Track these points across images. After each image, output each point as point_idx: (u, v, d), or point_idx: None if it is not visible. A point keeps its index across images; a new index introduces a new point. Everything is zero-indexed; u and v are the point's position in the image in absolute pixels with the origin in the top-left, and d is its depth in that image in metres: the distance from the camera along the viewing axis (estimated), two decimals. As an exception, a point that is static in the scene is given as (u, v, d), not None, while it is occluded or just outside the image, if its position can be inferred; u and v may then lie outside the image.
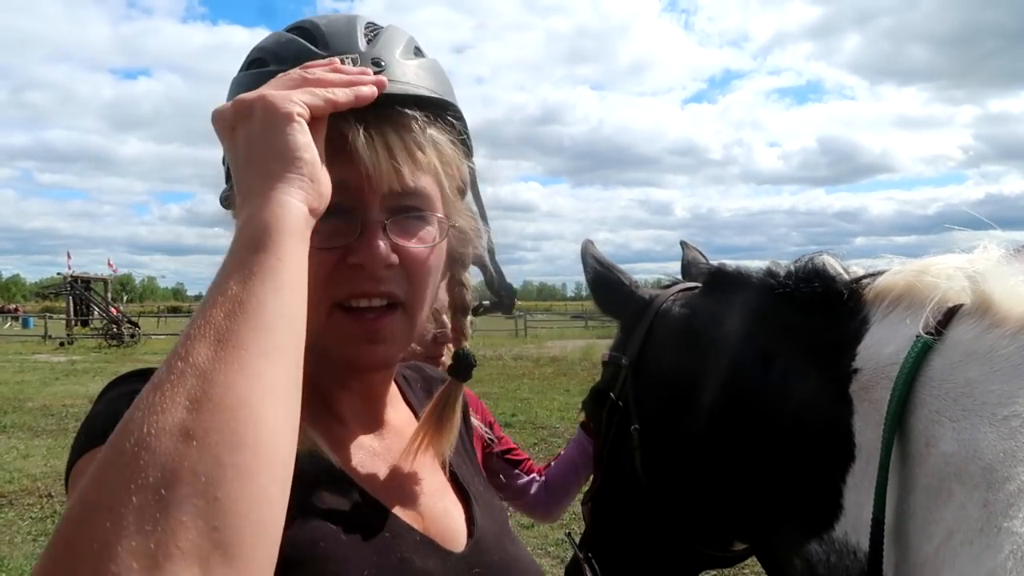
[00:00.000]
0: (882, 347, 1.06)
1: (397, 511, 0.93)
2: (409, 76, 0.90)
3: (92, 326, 33.80)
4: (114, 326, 30.13)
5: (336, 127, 0.82)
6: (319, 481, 0.87)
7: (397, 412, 1.09)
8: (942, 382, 0.97)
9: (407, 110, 0.88)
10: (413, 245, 0.90)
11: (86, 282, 34.91)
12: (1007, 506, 0.85)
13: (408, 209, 0.90)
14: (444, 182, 0.95)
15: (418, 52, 0.97)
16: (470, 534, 1.00)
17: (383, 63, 0.89)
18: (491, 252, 1.08)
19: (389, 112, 0.86)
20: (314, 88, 0.78)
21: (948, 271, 1.02)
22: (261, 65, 0.91)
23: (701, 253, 1.78)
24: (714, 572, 1.69)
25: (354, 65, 0.86)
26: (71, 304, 34.05)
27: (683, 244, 1.83)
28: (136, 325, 31.76)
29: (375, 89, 0.82)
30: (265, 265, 0.65)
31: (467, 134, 1.00)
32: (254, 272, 0.64)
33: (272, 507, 0.57)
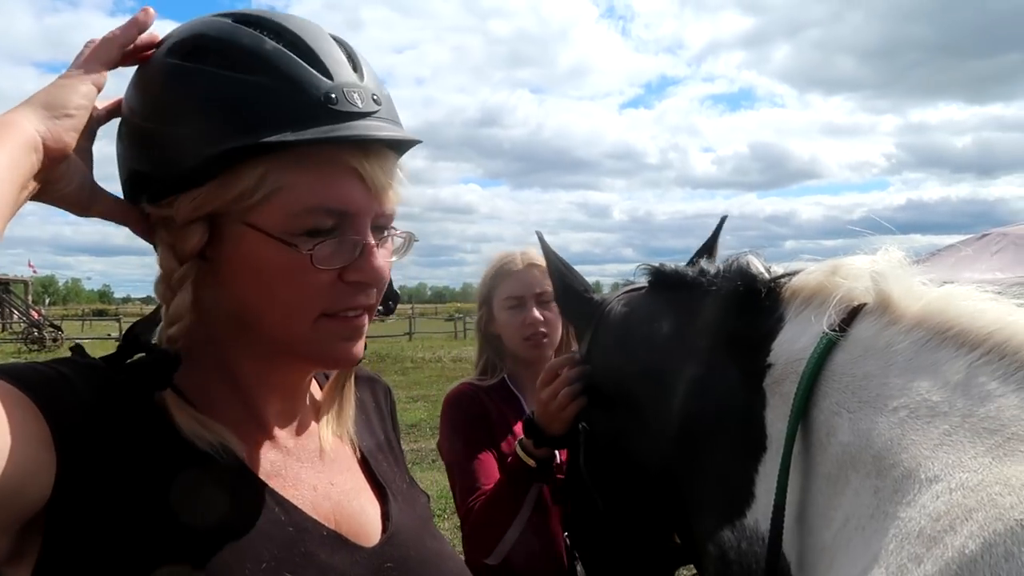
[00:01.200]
0: (793, 343, 1.15)
1: (305, 507, 0.96)
2: (393, 113, 0.97)
3: (11, 330, 32.38)
4: (35, 330, 28.96)
5: (343, 158, 0.89)
6: (224, 475, 0.89)
7: (312, 412, 1.11)
8: (843, 376, 1.06)
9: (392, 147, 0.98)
10: (387, 259, 0.98)
11: (4, 284, 33.50)
12: (893, 491, 0.93)
13: (384, 228, 0.98)
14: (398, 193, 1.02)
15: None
16: (384, 530, 1.04)
17: (379, 100, 0.94)
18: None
19: (382, 148, 0.95)
20: (98, 47, 0.89)
21: (855, 271, 1.12)
22: (243, 71, 0.88)
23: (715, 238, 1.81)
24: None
25: (362, 102, 0.91)
26: (-12, 306, 32.57)
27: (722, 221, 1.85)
28: (59, 328, 30.61)
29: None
30: None
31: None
32: None
33: None
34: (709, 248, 1.77)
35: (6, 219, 0.74)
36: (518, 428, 2.15)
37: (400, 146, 0.98)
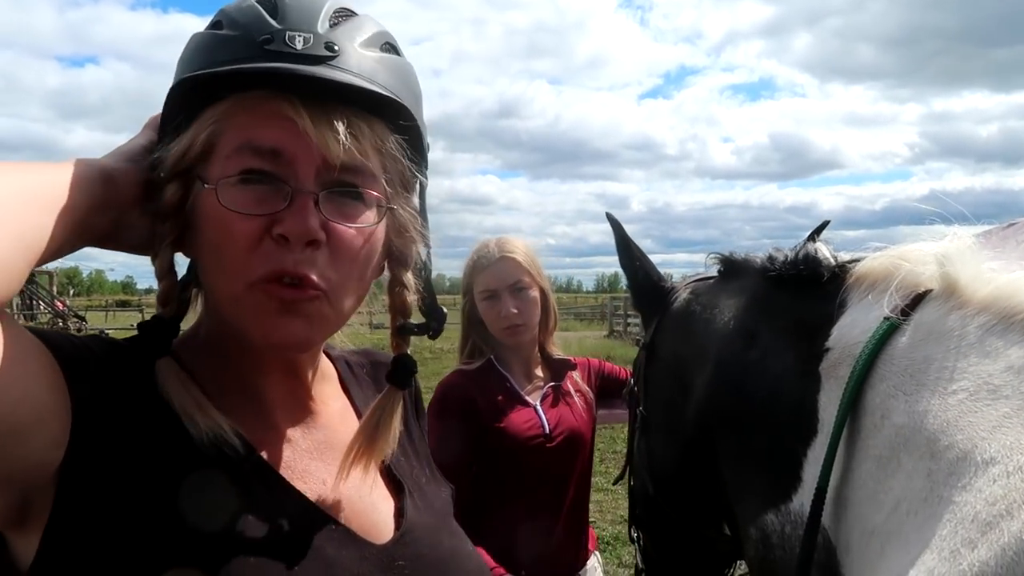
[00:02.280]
0: (852, 328, 1.17)
1: (315, 500, 0.94)
2: (363, 68, 0.89)
3: (38, 321, 32.97)
4: (60, 320, 29.46)
5: (276, 103, 0.85)
6: (231, 465, 0.88)
7: (329, 400, 1.09)
8: (902, 359, 1.07)
9: (354, 100, 0.89)
10: (345, 224, 0.89)
11: (30, 275, 34.02)
12: (947, 475, 0.93)
13: (344, 185, 0.89)
14: (387, 165, 0.95)
15: (388, 48, 0.96)
16: (398, 527, 1.01)
17: (336, 49, 0.87)
18: (428, 272, 1.06)
19: (333, 99, 0.87)
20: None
21: (921, 257, 1.13)
22: (217, 28, 0.91)
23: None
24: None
25: (304, 44, 0.86)
26: (14, 298, 33.17)
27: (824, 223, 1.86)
28: (83, 319, 31.14)
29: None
30: (34, 167, 0.80)
31: (420, 143, 1.00)
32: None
33: None
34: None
35: (72, 231, 0.79)
36: (508, 406, 2.33)
37: (372, 101, 0.89)
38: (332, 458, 1.01)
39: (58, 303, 32.10)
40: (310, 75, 0.83)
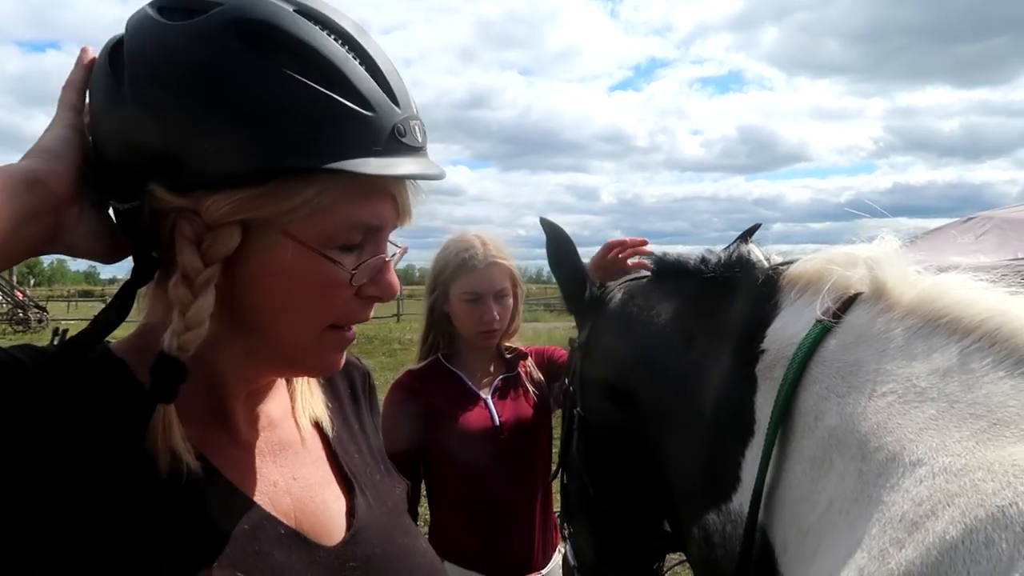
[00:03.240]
0: (786, 330, 1.19)
1: (261, 503, 0.94)
2: (425, 142, 0.95)
3: (-4, 310, 32.27)
4: (20, 311, 28.81)
5: (388, 184, 0.91)
6: (177, 472, 0.86)
7: (276, 402, 1.08)
8: (834, 362, 1.09)
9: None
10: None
11: (-12, 263, 33.27)
12: (877, 475, 0.96)
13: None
14: None
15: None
16: (349, 527, 1.01)
17: (425, 132, 0.94)
18: None
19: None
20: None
21: (851, 259, 1.15)
22: (327, 85, 0.83)
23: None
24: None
25: (421, 136, 0.92)
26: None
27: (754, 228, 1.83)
28: (44, 310, 30.45)
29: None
30: None
31: None
32: None
33: None
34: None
35: (6, 243, 0.76)
36: (457, 402, 2.35)
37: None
38: (284, 460, 1.01)
39: (18, 293, 31.35)
40: (439, 177, 0.92)
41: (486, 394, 2.42)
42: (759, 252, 1.30)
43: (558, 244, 1.77)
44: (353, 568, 0.96)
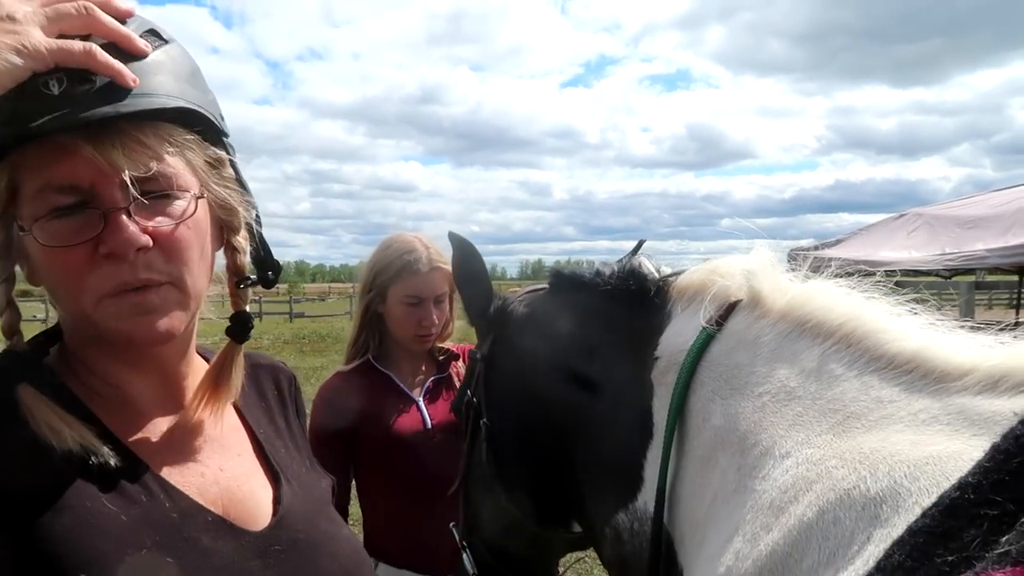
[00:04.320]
0: (676, 337, 1.28)
1: (190, 493, 0.99)
2: (139, 82, 0.91)
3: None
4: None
5: (62, 142, 0.88)
6: (99, 463, 0.91)
7: (201, 400, 1.11)
8: (718, 366, 1.19)
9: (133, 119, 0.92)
10: (162, 223, 0.94)
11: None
12: (752, 467, 1.06)
13: (150, 191, 0.93)
14: (188, 156, 0.99)
15: (151, 36, 0.96)
16: (275, 513, 1.06)
17: (94, 78, 0.88)
18: (257, 229, 1.13)
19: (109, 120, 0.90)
20: (75, 20, 0.83)
21: (731, 270, 1.25)
22: None
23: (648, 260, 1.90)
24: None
25: (60, 86, 0.86)
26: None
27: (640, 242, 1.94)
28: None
29: (136, 77, 0.87)
30: None
31: (212, 122, 1.02)
32: None
33: None
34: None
35: None
36: (388, 404, 2.34)
37: (139, 118, 0.92)
38: (211, 451, 1.07)
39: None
40: (67, 118, 0.85)
41: (417, 396, 2.41)
42: (649, 264, 1.39)
43: (466, 258, 1.78)
44: (278, 551, 1.01)
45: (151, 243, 0.91)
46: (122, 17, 0.92)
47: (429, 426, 2.36)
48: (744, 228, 1.35)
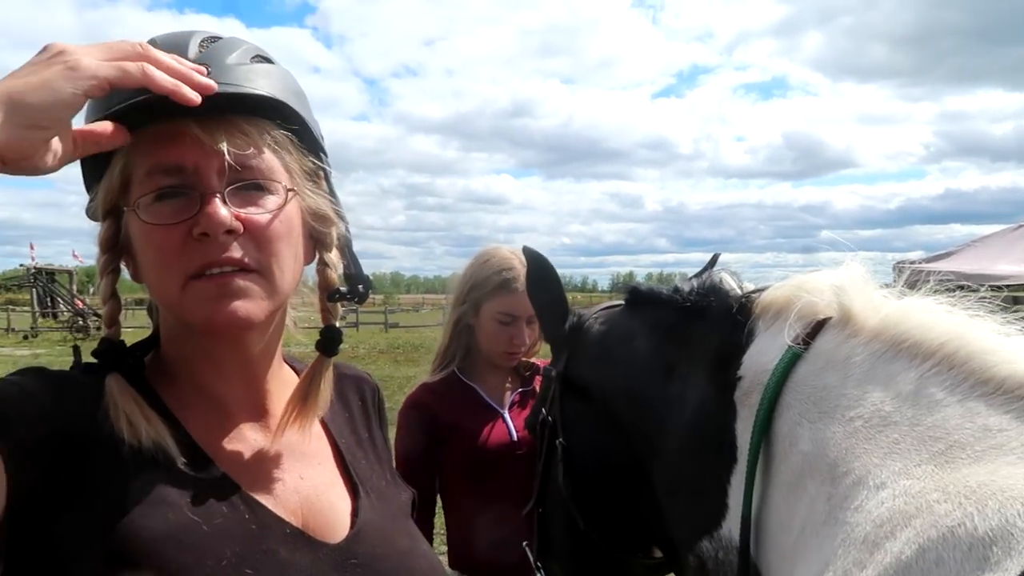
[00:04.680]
0: (760, 356, 1.22)
1: (270, 503, 0.99)
2: (236, 78, 0.96)
3: (58, 319, 33.42)
4: (79, 318, 29.81)
5: (173, 126, 0.93)
6: (183, 470, 0.94)
7: (283, 406, 1.12)
8: (805, 387, 1.13)
9: (237, 107, 0.97)
10: (254, 212, 0.98)
11: (50, 274, 34.53)
12: (843, 498, 1.00)
13: (245, 180, 0.98)
14: (285, 158, 1.03)
15: (258, 59, 1.03)
16: (352, 526, 1.06)
17: (209, 69, 0.94)
18: (348, 243, 1.15)
19: (218, 110, 0.94)
20: (129, 58, 0.83)
21: (818, 286, 1.17)
22: None
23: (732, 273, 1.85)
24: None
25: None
26: (35, 296, 33.64)
27: (714, 257, 1.89)
28: (101, 317, 31.40)
29: (198, 94, 0.87)
30: None
31: (311, 133, 1.07)
32: None
33: None
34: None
35: None
36: (474, 416, 2.32)
37: (252, 105, 0.97)
38: (292, 460, 1.08)
39: (78, 302, 32.41)
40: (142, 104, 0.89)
41: (504, 409, 2.39)
42: (731, 280, 1.33)
43: (540, 273, 1.75)
44: (355, 565, 1.01)
45: (241, 228, 0.96)
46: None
47: (515, 439, 2.33)
48: (846, 240, 1.27)
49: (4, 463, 0.80)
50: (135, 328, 1.03)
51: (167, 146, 0.94)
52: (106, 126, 0.88)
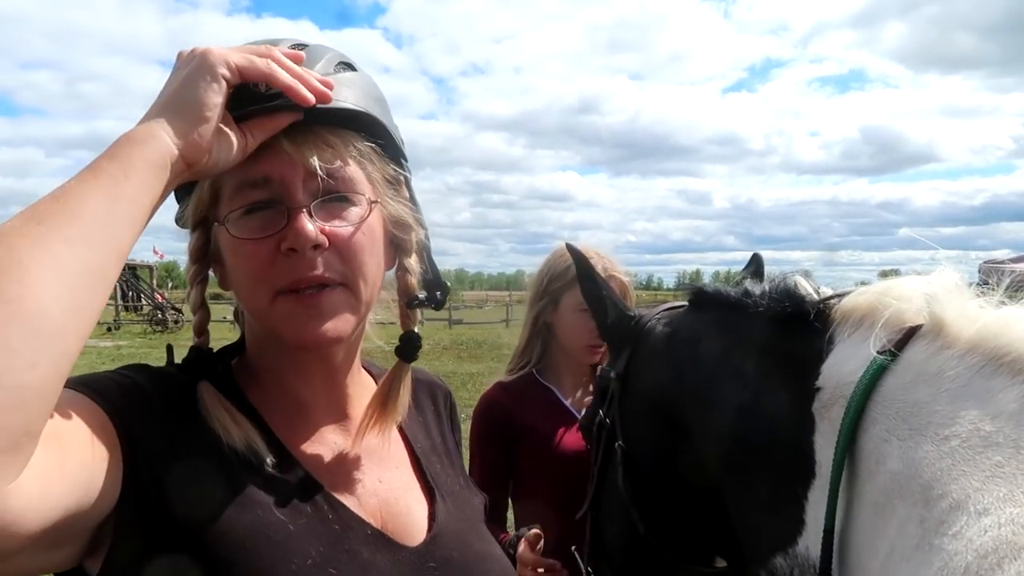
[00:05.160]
0: (842, 366, 1.13)
1: (351, 505, 1.01)
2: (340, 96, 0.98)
3: (140, 312, 34.91)
4: (159, 312, 31.04)
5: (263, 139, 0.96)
6: (270, 471, 0.96)
7: (363, 410, 1.13)
8: (893, 402, 1.04)
9: (323, 120, 0.99)
10: (339, 225, 0.99)
11: (132, 269, 36.03)
12: (939, 523, 0.92)
13: (330, 192, 0.99)
14: (368, 168, 1.04)
15: (342, 67, 1.04)
16: (430, 529, 1.07)
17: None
18: (427, 250, 1.16)
19: (306, 122, 0.97)
20: (256, 55, 0.89)
21: (906, 293, 1.09)
22: None
23: (760, 268, 1.78)
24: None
25: (266, 86, 0.94)
26: (118, 290, 35.24)
27: (755, 256, 1.84)
28: (180, 311, 32.71)
29: (313, 96, 0.92)
30: (107, 170, 0.77)
31: (393, 141, 1.08)
32: (94, 174, 0.77)
33: (15, 360, 0.63)
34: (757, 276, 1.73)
35: (137, 237, 0.80)
36: (551, 419, 2.25)
37: (322, 116, 0.98)
38: (371, 463, 1.09)
39: (157, 296, 33.77)
40: (273, 107, 0.93)
41: (579, 413, 2.30)
42: (807, 284, 1.24)
43: (589, 271, 1.72)
44: (432, 568, 1.02)
45: (327, 243, 0.97)
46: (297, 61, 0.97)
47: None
48: (926, 237, 1.19)
49: (121, 447, 0.84)
50: (211, 322, 1.06)
51: (256, 159, 0.95)
52: (272, 115, 0.93)
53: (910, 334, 1.05)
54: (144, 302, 34.71)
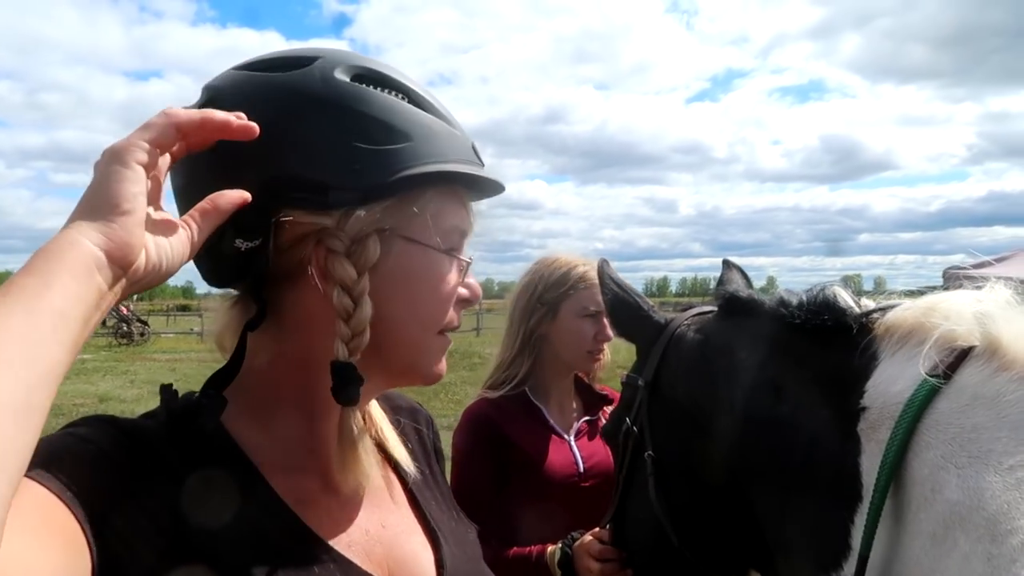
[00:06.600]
0: (889, 386, 1.06)
1: (357, 556, 0.93)
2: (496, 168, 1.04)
3: (104, 325, 34.08)
4: (124, 325, 30.30)
5: (464, 194, 1.00)
6: (274, 530, 0.88)
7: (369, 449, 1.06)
8: (949, 426, 0.97)
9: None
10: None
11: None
12: (1011, 561, 0.84)
13: None
14: None
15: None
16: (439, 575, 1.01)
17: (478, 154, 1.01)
18: None
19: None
20: (155, 122, 0.80)
21: (957, 310, 1.01)
22: (428, 111, 0.96)
23: (744, 274, 1.72)
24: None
25: (478, 156, 0.99)
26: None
27: (726, 263, 1.78)
28: (146, 323, 31.99)
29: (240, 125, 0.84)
30: (25, 285, 0.67)
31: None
32: (10, 290, 0.66)
33: None
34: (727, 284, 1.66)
35: (73, 357, 0.69)
36: (540, 440, 2.15)
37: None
38: (372, 506, 1.00)
39: (123, 308, 33.03)
40: (501, 187, 1.02)
41: (569, 435, 2.22)
42: (848, 297, 1.17)
43: (609, 270, 1.66)
44: None
45: None
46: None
47: (581, 469, 2.15)
48: (886, 243, 1.12)
49: (85, 534, 0.73)
50: (177, 334, 0.92)
51: (462, 211, 0.99)
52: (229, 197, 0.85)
53: (963, 355, 0.98)
54: (110, 314, 33.96)
